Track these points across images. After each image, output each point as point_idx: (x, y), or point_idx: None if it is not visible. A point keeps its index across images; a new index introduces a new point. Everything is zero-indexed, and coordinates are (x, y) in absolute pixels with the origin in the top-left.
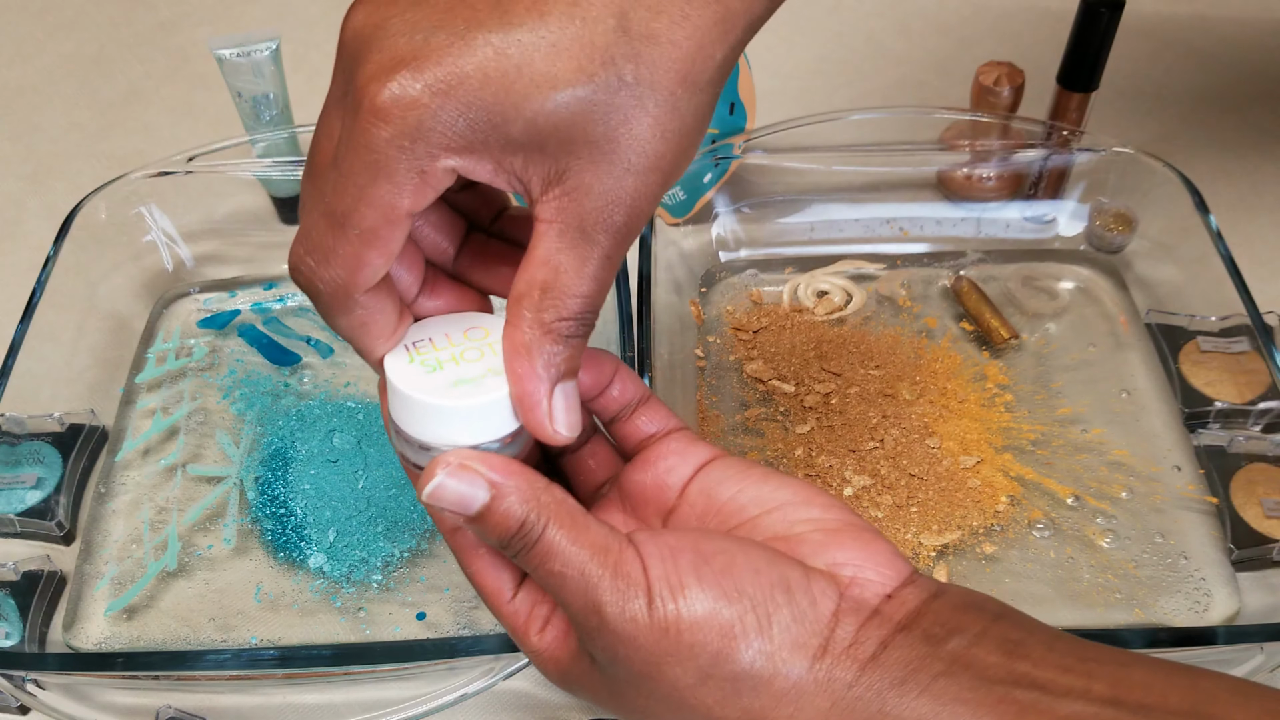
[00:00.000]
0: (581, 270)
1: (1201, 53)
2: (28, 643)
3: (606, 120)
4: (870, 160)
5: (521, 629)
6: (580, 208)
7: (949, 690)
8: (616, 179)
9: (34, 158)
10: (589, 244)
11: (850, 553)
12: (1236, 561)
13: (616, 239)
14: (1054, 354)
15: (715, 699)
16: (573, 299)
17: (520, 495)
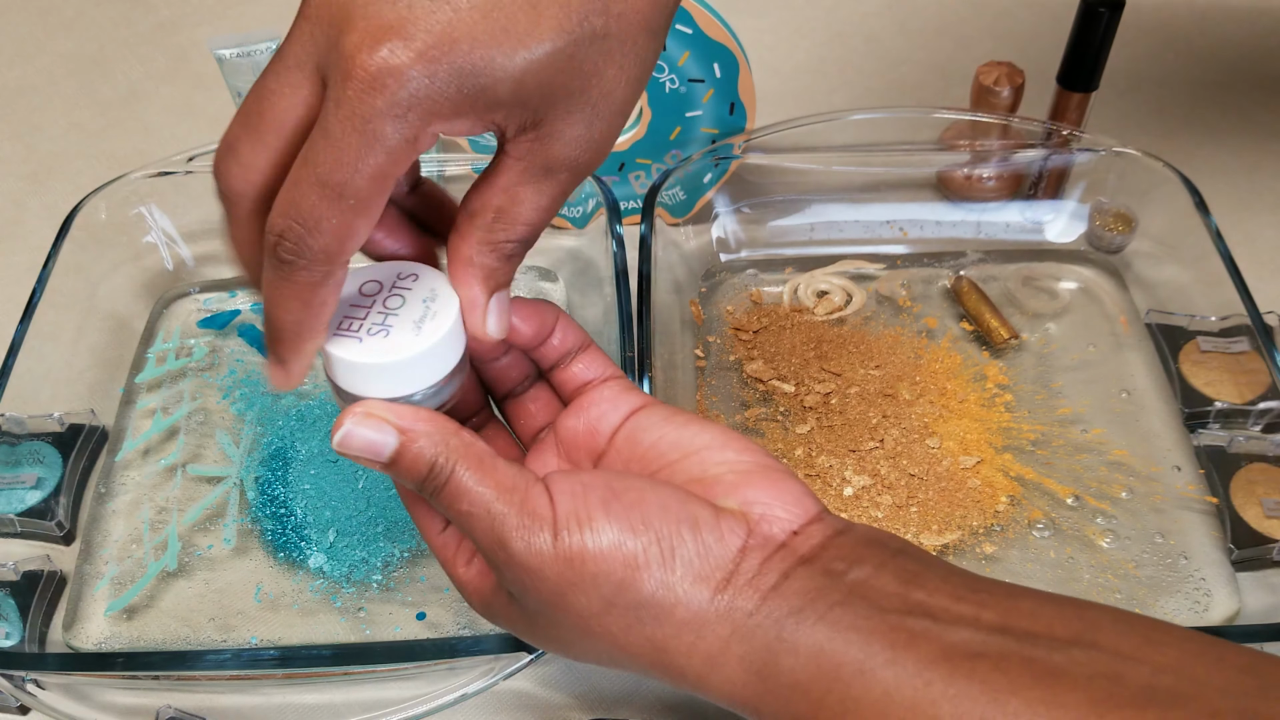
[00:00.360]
0: (537, 202)
1: (1201, 52)
2: (28, 643)
3: (581, 71)
4: (870, 160)
5: (450, 560)
6: (549, 150)
7: (844, 619)
8: (586, 125)
9: (34, 158)
10: (550, 181)
11: (761, 491)
12: (1236, 561)
13: (576, 176)
14: (1054, 354)
15: (619, 627)
16: (523, 225)
17: (429, 440)
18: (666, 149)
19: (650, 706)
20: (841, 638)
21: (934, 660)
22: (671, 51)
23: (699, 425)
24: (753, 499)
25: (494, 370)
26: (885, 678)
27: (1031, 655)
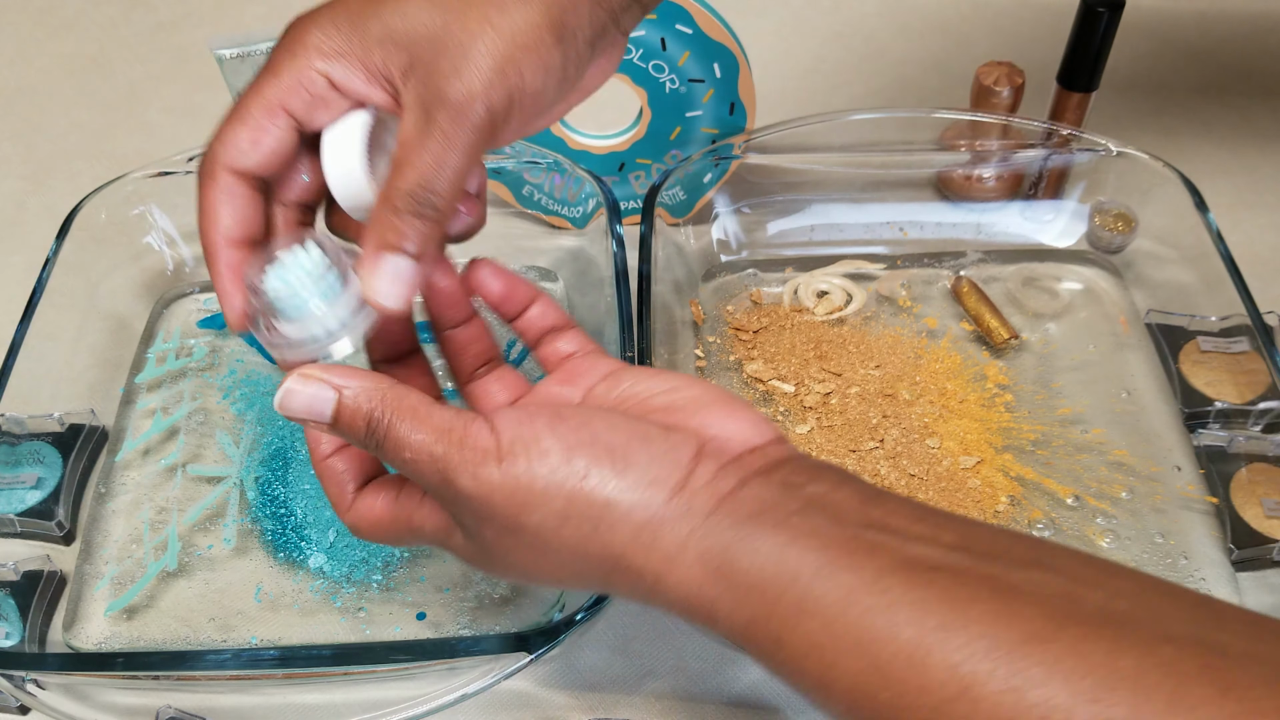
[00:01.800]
0: (422, 144)
1: (1201, 52)
2: (28, 643)
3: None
4: (870, 160)
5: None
6: (424, 91)
7: (803, 525)
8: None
9: (34, 158)
10: (429, 122)
11: (717, 417)
12: (1236, 561)
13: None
14: (1054, 354)
15: (576, 538)
16: (411, 170)
17: (365, 394)
18: (666, 149)
19: (650, 706)
20: (800, 543)
21: (893, 569)
22: (671, 51)
23: (672, 374)
24: (709, 423)
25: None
26: (843, 582)
27: (990, 572)
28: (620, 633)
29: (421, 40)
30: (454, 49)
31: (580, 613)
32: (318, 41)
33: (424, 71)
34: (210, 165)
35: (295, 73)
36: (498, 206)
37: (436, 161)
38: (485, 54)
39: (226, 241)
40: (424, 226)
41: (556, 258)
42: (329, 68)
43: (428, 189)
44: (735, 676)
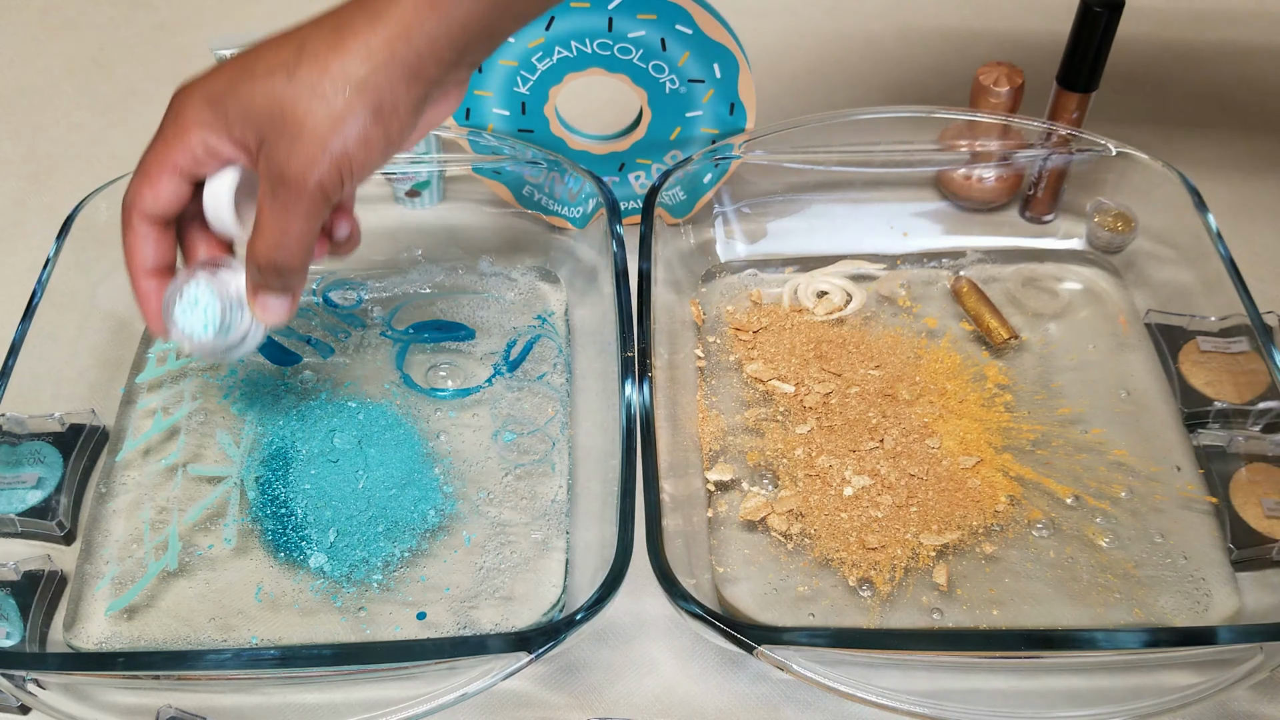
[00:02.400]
0: (271, 215)
1: (1201, 53)
2: (28, 642)
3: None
4: (870, 160)
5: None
6: (270, 167)
7: None
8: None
9: (34, 158)
10: (275, 197)
11: None
12: (1236, 561)
13: (291, 191)
14: (1054, 354)
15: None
16: (262, 241)
17: None
18: (666, 149)
19: (650, 706)
20: None
21: None
22: (671, 51)
23: None
24: None
25: None
26: None
27: None
28: (620, 632)
29: (267, 120)
30: (291, 131)
31: (580, 613)
32: (194, 115)
33: (270, 148)
34: (126, 214)
35: (180, 140)
36: (498, 206)
37: (283, 230)
38: (314, 138)
39: (144, 273)
40: (279, 277)
41: (556, 258)
42: (204, 137)
43: (278, 249)
44: (735, 676)
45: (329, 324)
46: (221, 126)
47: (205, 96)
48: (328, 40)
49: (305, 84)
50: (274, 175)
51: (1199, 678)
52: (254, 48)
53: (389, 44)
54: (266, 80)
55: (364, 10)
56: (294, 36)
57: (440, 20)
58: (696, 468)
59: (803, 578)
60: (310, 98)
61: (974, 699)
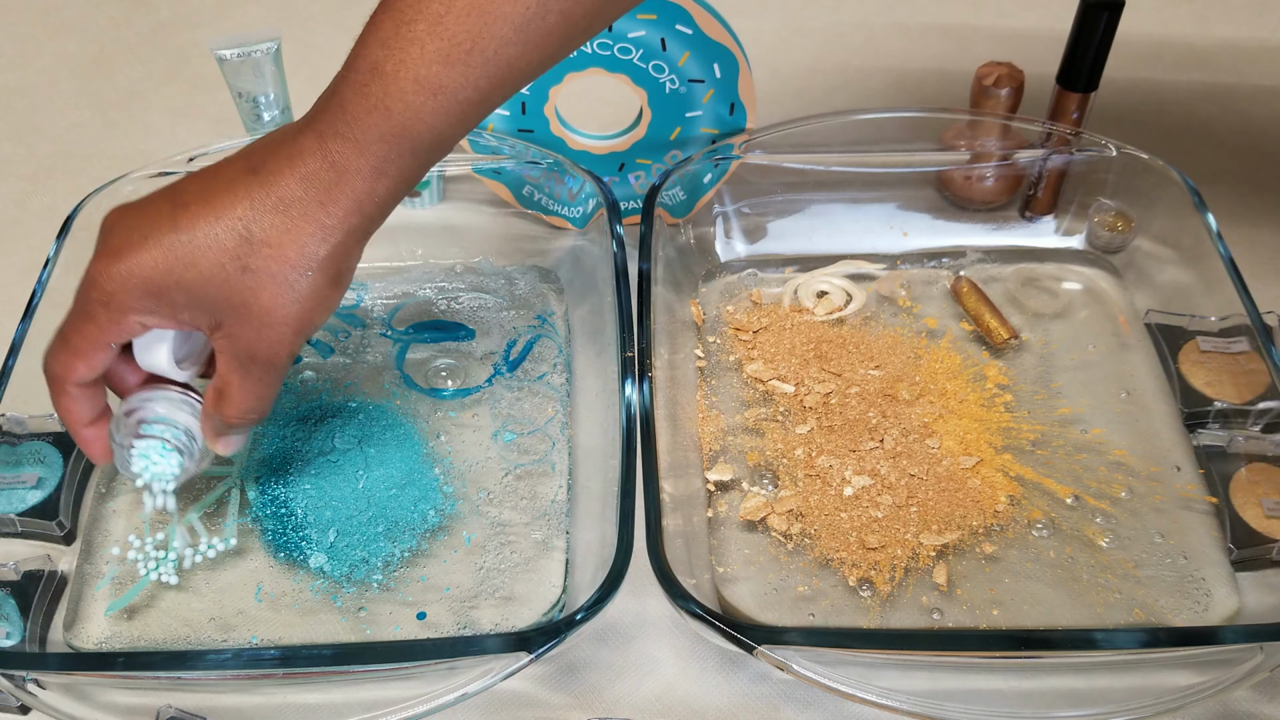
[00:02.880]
0: (242, 387)
1: (1201, 53)
2: (28, 642)
3: (241, 295)
4: (870, 160)
5: None
6: (235, 346)
7: None
8: (256, 330)
9: (34, 158)
10: (245, 371)
11: None
12: (1236, 561)
13: (263, 368)
14: (1054, 354)
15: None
16: (233, 406)
17: None
18: (666, 149)
19: (650, 706)
20: None
21: None
22: (671, 51)
23: None
24: None
25: None
26: None
27: None
28: (620, 632)
29: (225, 309)
30: (258, 319)
31: (580, 612)
32: (131, 303)
33: (233, 331)
34: (59, 384)
35: (114, 323)
36: (498, 206)
37: (257, 397)
38: (283, 322)
39: (85, 425)
40: (246, 428)
41: (556, 258)
42: (143, 320)
43: (252, 413)
44: (735, 676)
45: (329, 324)
46: (167, 314)
47: (143, 287)
48: (277, 225)
49: (265, 274)
50: (242, 355)
51: (1199, 678)
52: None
53: (344, 220)
54: (215, 272)
55: (309, 188)
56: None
57: (389, 184)
58: (696, 468)
59: (803, 578)
60: (273, 286)
61: (974, 699)
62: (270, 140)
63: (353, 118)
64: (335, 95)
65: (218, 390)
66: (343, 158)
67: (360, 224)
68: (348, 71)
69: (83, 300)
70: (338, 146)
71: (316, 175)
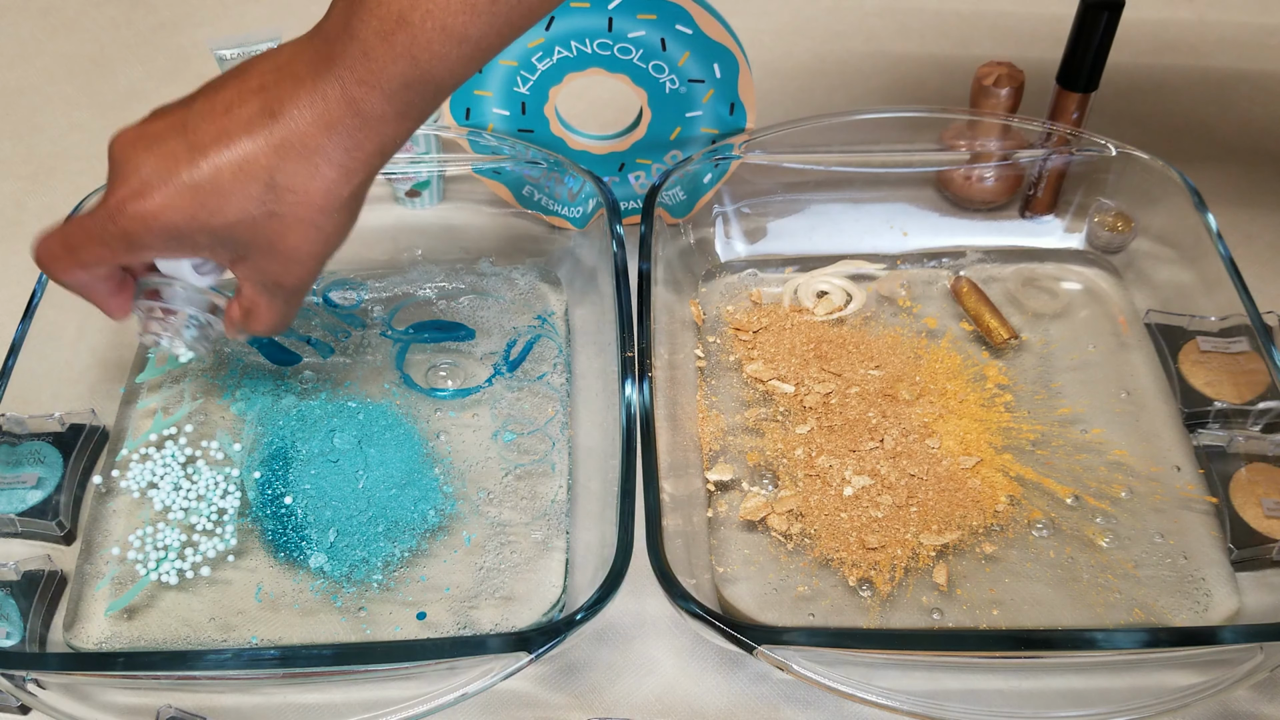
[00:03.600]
0: (270, 308)
1: (1202, 54)
2: (28, 642)
3: (267, 236)
4: (870, 160)
5: None
6: (261, 277)
7: None
8: (281, 265)
9: (34, 158)
10: (272, 295)
11: None
12: (1236, 561)
13: (290, 293)
14: (1054, 354)
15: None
16: (264, 322)
17: None
18: (666, 149)
19: (650, 706)
20: None
21: None
22: (671, 51)
23: None
24: None
25: None
26: None
27: None
28: (620, 632)
29: (249, 248)
30: (285, 254)
31: (580, 612)
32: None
33: (260, 264)
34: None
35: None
36: (498, 206)
37: (284, 316)
38: (310, 256)
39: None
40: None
41: (556, 258)
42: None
43: (279, 328)
44: (735, 676)
45: (329, 324)
46: (187, 251)
47: (166, 230)
48: (301, 171)
49: (291, 218)
50: (269, 282)
51: (1199, 678)
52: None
53: (366, 161)
54: (241, 218)
55: (334, 135)
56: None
57: (410, 125)
58: (696, 468)
59: (803, 578)
60: (300, 228)
61: (974, 699)
62: (283, 72)
63: (378, 66)
64: (356, 41)
65: (245, 310)
66: (367, 104)
67: (381, 162)
68: (368, 17)
69: (99, 226)
70: (362, 94)
71: (341, 122)
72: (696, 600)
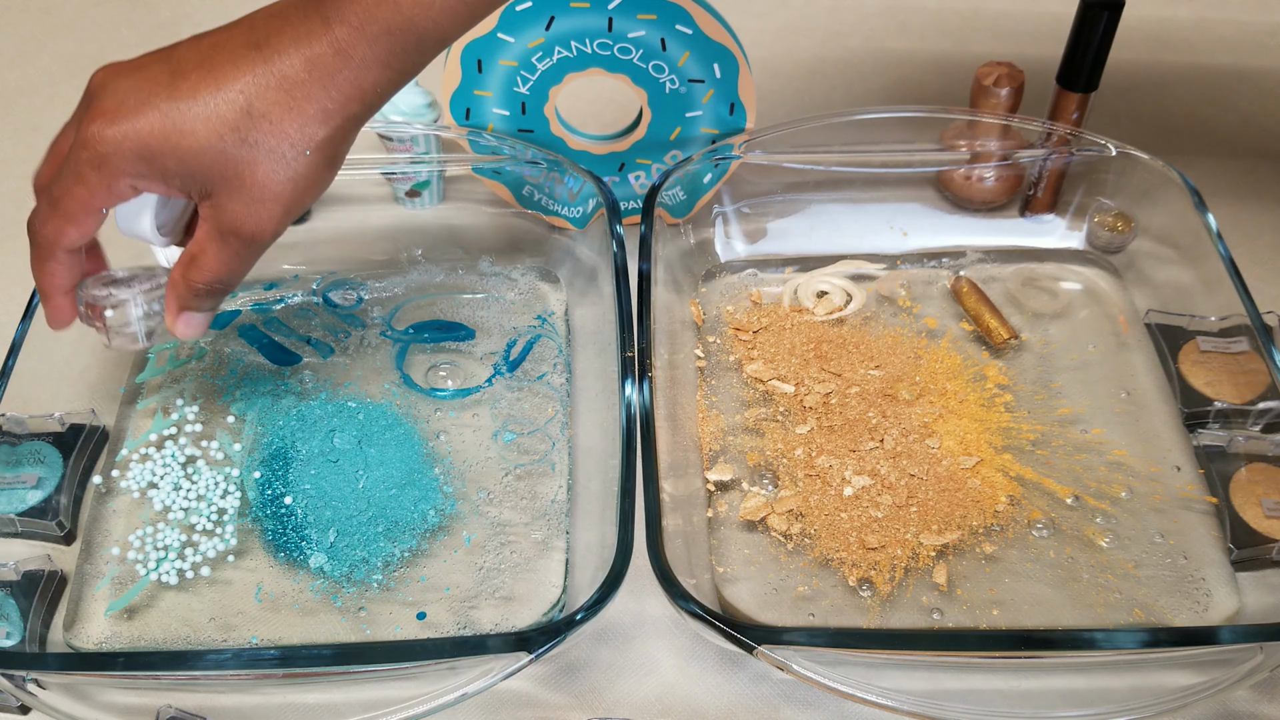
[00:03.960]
0: (219, 257)
1: (1201, 53)
2: (28, 642)
3: (236, 167)
4: (870, 160)
5: None
6: (221, 218)
7: None
8: (246, 204)
9: (34, 158)
10: (224, 242)
11: None
12: (1236, 561)
13: (244, 242)
14: (1054, 354)
15: None
16: (205, 271)
17: None
18: (666, 149)
19: (650, 706)
20: None
21: None
22: (671, 52)
23: None
24: None
25: None
26: None
27: None
28: (620, 632)
29: (218, 179)
30: (250, 192)
31: (580, 613)
32: (123, 165)
33: (221, 203)
34: (48, 249)
35: (105, 186)
36: (498, 206)
37: (230, 270)
38: (274, 199)
39: (62, 291)
40: (213, 300)
41: (556, 258)
42: (133, 183)
43: (221, 283)
44: (735, 676)
45: (329, 324)
46: (157, 179)
47: (137, 150)
48: (280, 102)
49: (263, 149)
50: (227, 228)
51: (1199, 678)
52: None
53: (344, 105)
54: (213, 142)
55: (314, 72)
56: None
57: (392, 76)
58: (696, 468)
59: (803, 578)
60: (269, 161)
61: (974, 699)
62: (272, 14)
63: (362, 8)
64: None
65: (191, 255)
66: (349, 46)
67: (360, 111)
68: None
69: (74, 163)
70: (345, 35)
71: (322, 60)
72: (696, 600)
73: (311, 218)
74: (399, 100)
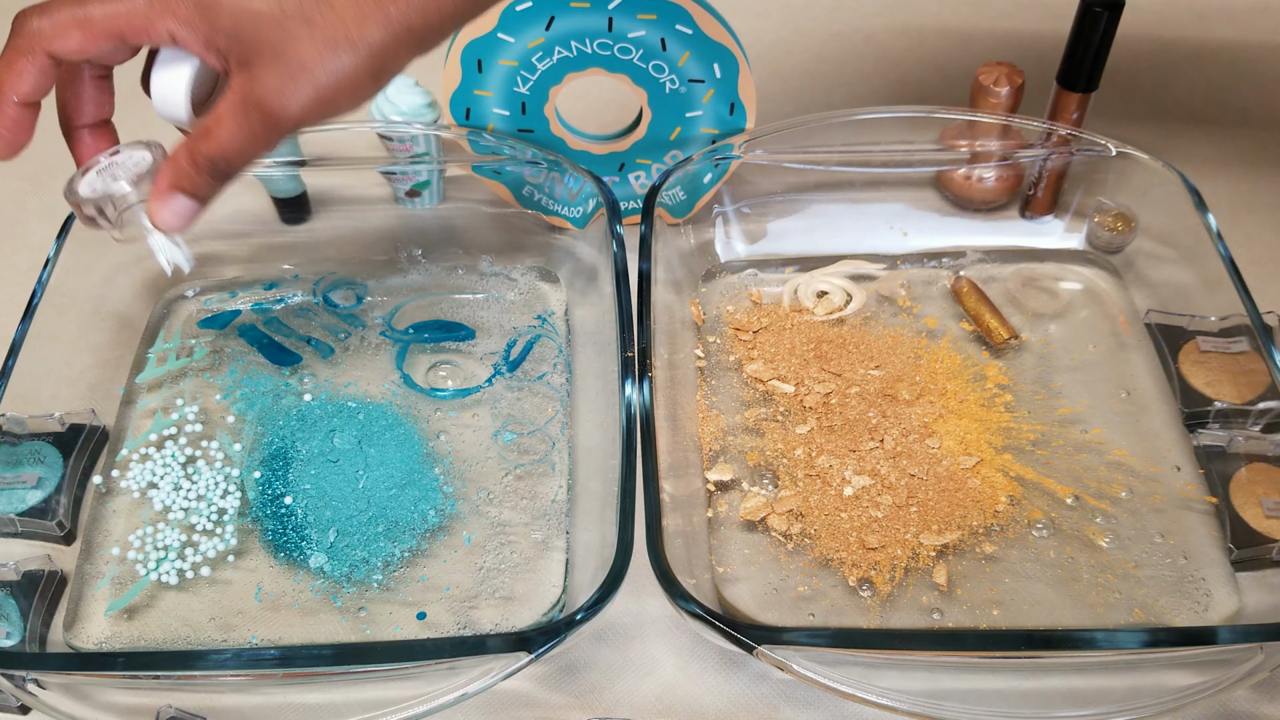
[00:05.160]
0: (234, 129)
1: (1201, 53)
2: (28, 642)
3: (286, 41)
4: (870, 160)
5: None
6: (251, 87)
7: None
8: (280, 80)
9: (34, 158)
10: (246, 114)
11: None
12: (1236, 561)
13: (265, 116)
14: (1054, 354)
15: None
16: (214, 143)
17: None
18: (666, 149)
19: (650, 706)
20: None
21: None
22: (671, 51)
23: None
24: None
25: None
26: None
27: None
28: (620, 632)
29: (266, 50)
30: (292, 71)
31: (580, 612)
32: (174, 6)
33: (258, 75)
34: (31, 40)
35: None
36: (498, 206)
37: (241, 147)
38: (314, 87)
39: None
40: (215, 184)
41: (556, 258)
42: (174, 29)
43: (228, 161)
44: (735, 676)
45: (329, 324)
46: (202, 31)
47: None
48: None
49: (319, 30)
50: (253, 100)
51: (1199, 678)
52: None
53: (407, 16)
54: (275, 12)
55: None
56: None
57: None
58: (696, 468)
59: (803, 578)
60: (320, 45)
61: (974, 699)
62: None
63: None
64: None
65: (205, 127)
66: None
67: (419, 29)
68: None
69: None
70: None
71: None
72: (696, 600)
73: (311, 218)
74: (399, 100)
